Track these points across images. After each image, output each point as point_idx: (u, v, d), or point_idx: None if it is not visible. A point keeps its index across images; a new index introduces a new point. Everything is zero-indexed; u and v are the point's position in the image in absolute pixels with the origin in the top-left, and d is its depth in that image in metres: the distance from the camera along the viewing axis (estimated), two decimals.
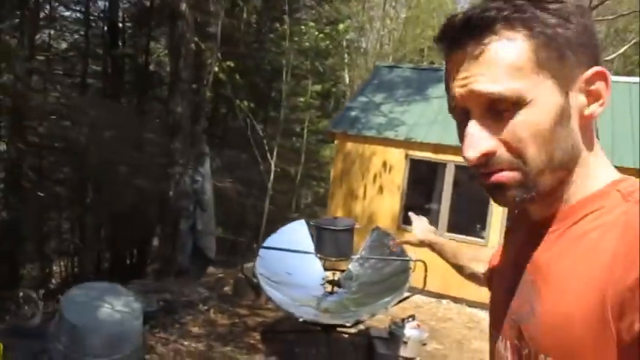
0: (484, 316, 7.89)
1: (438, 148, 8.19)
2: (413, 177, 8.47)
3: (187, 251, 6.58)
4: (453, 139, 8.13)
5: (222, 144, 11.94)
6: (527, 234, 0.80)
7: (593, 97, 0.72)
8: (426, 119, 8.70)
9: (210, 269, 8.28)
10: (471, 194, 8.60)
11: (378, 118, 8.98)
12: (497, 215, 7.92)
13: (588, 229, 0.69)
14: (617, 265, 0.61)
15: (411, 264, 5.10)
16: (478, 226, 8.23)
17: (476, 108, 0.72)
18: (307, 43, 11.30)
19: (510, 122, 0.70)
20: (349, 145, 8.80)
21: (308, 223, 5.64)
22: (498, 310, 0.83)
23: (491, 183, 0.73)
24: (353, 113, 9.21)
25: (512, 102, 0.69)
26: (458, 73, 0.72)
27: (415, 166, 8.42)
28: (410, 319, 5.66)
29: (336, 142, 8.89)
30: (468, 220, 8.50)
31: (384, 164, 8.55)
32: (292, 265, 5.61)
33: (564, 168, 0.72)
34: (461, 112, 0.75)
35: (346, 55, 19.06)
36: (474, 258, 1.35)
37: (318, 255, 5.18)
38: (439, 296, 8.33)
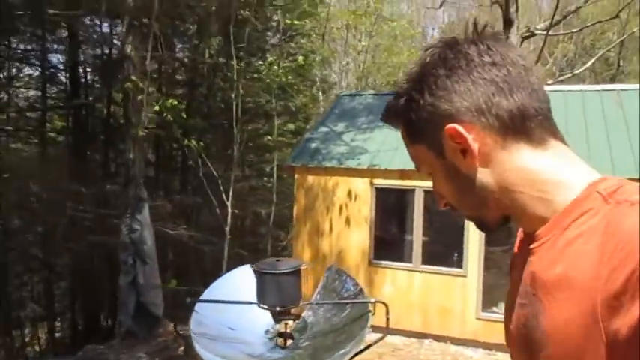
0: (470, 354, 7.14)
1: (404, 174, 7.61)
2: (381, 207, 7.85)
3: (129, 309, 5.83)
4: None
5: (180, 189, 11.31)
6: (525, 250, 0.81)
7: (464, 147, 0.78)
8: (390, 145, 8.14)
9: (170, 327, 7.50)
10: (445, 221, 7.98)
11: (339, 147, 8.42)
12: (474, 243, 7.29)
13: (575, 236, 0.71)
14: (602, 270, 0.64)
15: (371, 307, 4.38)
16: (455, 254, 7.58)
17: None
18: (268, 80, 10.88)
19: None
20: (310, 179, 8.20)
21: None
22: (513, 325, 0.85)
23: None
24: (313, 145, 8.65)
25: (429, 175, 0.87)
26: None
27: (382, 195, 7.82)
28: None
29: (296, 176, 8.29)
30: (443, 250, 7.85)
31: (349, 195, 7.94)
32: (236, 317, 4.82)
33: (489, 202, 0.81)
34: None
35: (320, 93, 18.76)
36: None
37: (261, 305, 4.41)
38: (420, 335, 7.58)
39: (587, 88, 8.79)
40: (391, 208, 8.07)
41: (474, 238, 7.27)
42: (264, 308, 4.51)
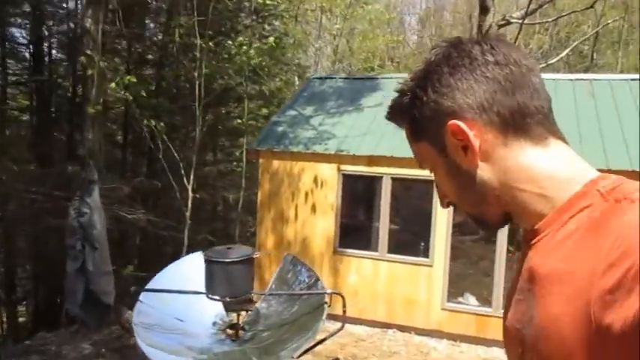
0: (434, 345, 7.00)
1: (371, 160, 7.40)
2: (347, 194, 7.63)
3: (77, 298, 5.46)
4: (387, 150, 7.36)
5: (147, 172, 10.89)
6: (524, 247, 0.81)
7: (466, 143, 0.79)
8: (359, 130, 7.92)
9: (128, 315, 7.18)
10: (412, 210, 7.81)
11: (306, 132, 8.15)
12: (441, 232, 7.12)
13: (571, 231, 0.71)
14: (598, 266, 0.63)
15: (327, 298, 4.16)
16: (422, 244, 7.41)
17: None
18: (238, 61, 10.52)
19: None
20: (276, 164, 7.92)
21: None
22: (508, 320, 0.85)
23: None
24: (279, 128, 8.36)
25: (431, 172, 0.89)
26: None
27: (349, 181, 7.59)
28: None
29: (261, 161, 8.00)
30: (410, 239, 7.68)
31: (315, 181, 7.69)
32: (184, 308, 4.54)
33: (489, 199, 0.81)
34: None
35: (296, 78, 18.37)
36: None
37: (210, 295, 4.14)
38: (384, 326, 7.43)
39: (560, 77, 8.65)
40: (358, 196, 7.85)
41: (441, 227, 7.11)
42: (212, 299, 4.22)
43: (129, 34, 11.52)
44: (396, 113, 0.88)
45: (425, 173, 0.90)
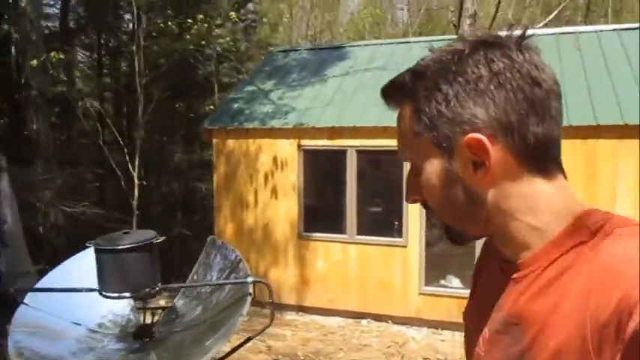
0: (413, 335, 6.25)
1: (334, 132, 6.63)
2: (310, 172, 6.86)
3: None
4: (351, 120, 6.59)
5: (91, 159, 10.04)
6: (503, 275, 0.79)
7: (481, 160, 0.73)
8: (321, 102, 7.15)
9: None
10: (382, 185, 7.03)
11: (264, 107, 7.37)
12: (414, 208, 6.35)
13: (563, 268, 0.70)
14: (591, 302, 0.63)
15: (250, 288, 3.37)
16: (396, 223, 6.65)
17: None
18: (203, 42, 9.72)
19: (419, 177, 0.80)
20: (230, 143, 7.16)
21: None
22: (484, 349, 0.83)
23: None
24: (235, 105, 7.59)
25: (412, 161, 0.80)
26: None
27: (310, 158, 6.82)
28: None
29: (214, 141, 7.23)
30: (382, 217, 6.93)
31: (275, 161, 6.92)
32: (88, 310, 3.74)
33: (477, 219, 0.77)
34: None
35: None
36: None
37: (103, 292, 3.32)
38: (358, 315, 6.68)
39: (543, 32, 7.85)
40: (322, 173, 7.08)
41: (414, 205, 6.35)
42: (107, 297, 3.32)
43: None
44: (402, 94, 0.78)
45: (393, 143, 0.86)
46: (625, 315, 0.59)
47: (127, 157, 6.75)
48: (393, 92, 0.80)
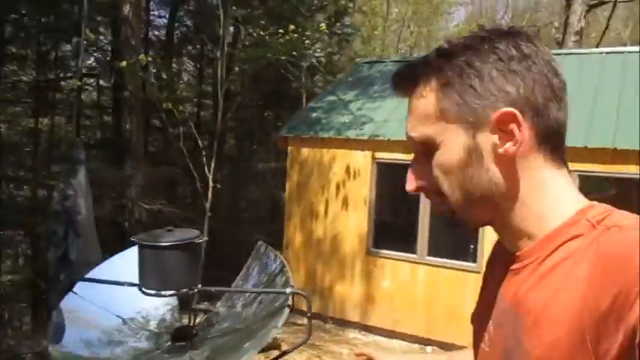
0: None
1: (410, 146, 6.33)
2: (382, 186, 6.61)
3: (57, 289, 4.99)
4: None
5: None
6: (506, 267, 0.80)
7: (508, 136, 0.74)
8: (400, 114, 6.87)
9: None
10: None
11: (342, 117, 7.24)
12: (492, 233, 5.89)
13: (562, 259, 0.71)
14: (590, 293, 0.64)
15: (289, 300, 3.21)
16: (471, 247, 6.21)
17: (414, 149, 0.82)
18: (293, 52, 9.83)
19: (431, 162, 0.78)
20: (305, 152, 7.09)
21: None
22: (489, 344, 0.84)
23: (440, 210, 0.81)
24: (313, 114, 7.53)
25: (428, 145, 0.78)
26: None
27: (384, 171, 6.57)
28: None
29: (289, 149, 7.20)
30: (455, 240, 6.50)
31: (347, 172, 6.75)
32: (132, 304, 3.77)
33: (488, 202, 0.77)
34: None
35: None
36: None
37: (142, 288, 3.31)
38: (423, 341, 6.30)
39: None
40: (394, 188, 6.78)
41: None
42: (146, 293, 3.28)
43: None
44: (429, 70, 0.78)
45: None
46: (625, 307, 0.60)
47: (204, 160, 6.88)
48: (414, 71, 0.79)
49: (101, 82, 14.00)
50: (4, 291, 10.13)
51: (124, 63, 6.27)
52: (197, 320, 3.77)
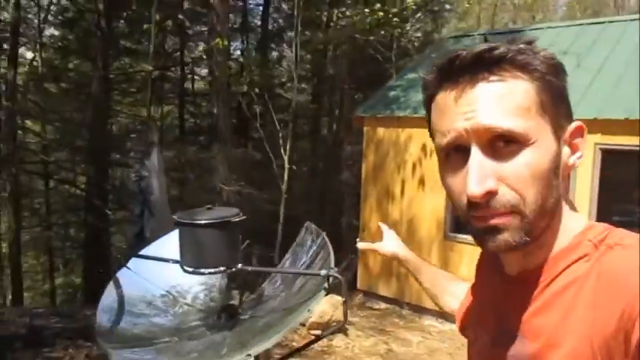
0: None
1: None
2: None
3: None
4: None
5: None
6: (506, 286, 0.78)
7: (574, 149, 0.74)
8: None
9: None
10: None
11: (420, 95, 6.88)
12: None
13: (568, 283, 0.69)
14: (597, 314, 0.64)
15: (325, 283, 3.12)
16: None
17: (479, 143, 0.68)
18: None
19: (514, 161, 0.68)
20: (380, 132, 6.86)
21: None
22: None
23: (487, 227, 0.69)
24: (392, 93, 7.25)
25: (518, 140, 0.67)
26: (460, 106, 0.69)
27: None
28: None
29: (365, 129, 7.00)
30: None
31: (424, 151, 6.44)
32: (175, 280, 3.88)
33: (551, 215, 0.72)
34: (456, 148, 0.70)
35: None
36: (448, 291, 1.23)
37: (182, 266, 3.37)
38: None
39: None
40: None
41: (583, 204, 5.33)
42: (185, 271, 3.34)
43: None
44: (526, 61, 0.69)
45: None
46: (630, 327, 0.60)
47: (281, 142, 6.91)
48: (515, 59, 0.69)
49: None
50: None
51: (201, 48, 6.44)
52: (244, 299, 3.76)
